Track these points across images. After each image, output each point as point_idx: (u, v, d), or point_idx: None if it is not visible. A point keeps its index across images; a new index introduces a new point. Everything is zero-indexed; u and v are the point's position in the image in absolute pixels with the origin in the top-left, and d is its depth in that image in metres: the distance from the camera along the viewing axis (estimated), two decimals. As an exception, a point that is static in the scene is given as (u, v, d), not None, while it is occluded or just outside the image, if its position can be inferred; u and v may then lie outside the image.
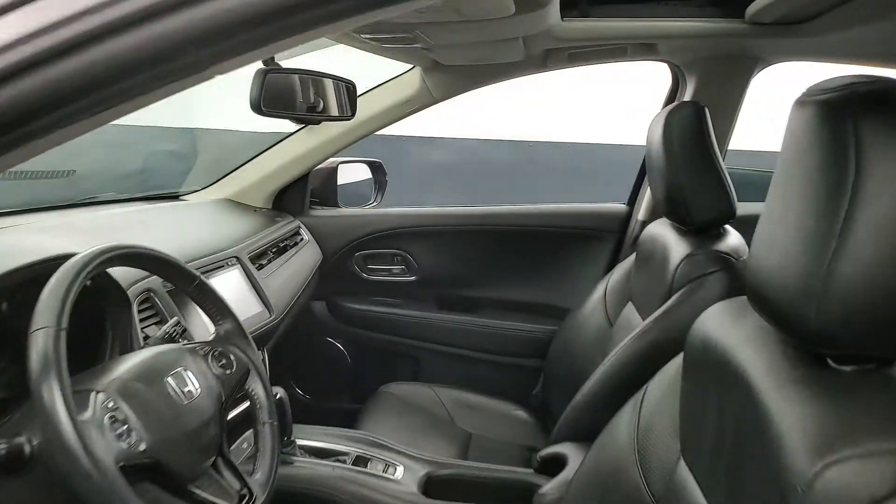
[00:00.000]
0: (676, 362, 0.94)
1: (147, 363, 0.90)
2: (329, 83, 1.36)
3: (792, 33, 1.47)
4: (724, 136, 1.75)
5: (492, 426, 1.73)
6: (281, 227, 1.89)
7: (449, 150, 4.80)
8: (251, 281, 1.54)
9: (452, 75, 1.73)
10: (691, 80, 1.77)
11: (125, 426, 0.80)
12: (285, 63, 1.19)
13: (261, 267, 1.64)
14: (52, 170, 2.23)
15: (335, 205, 2.15)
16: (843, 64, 1.62)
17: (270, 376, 1.14)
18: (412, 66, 1.74)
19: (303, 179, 2.02)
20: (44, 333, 0.74)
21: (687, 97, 1.77)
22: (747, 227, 1.39)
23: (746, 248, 1.37)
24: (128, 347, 1.09)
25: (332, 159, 2.07)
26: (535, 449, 1.64)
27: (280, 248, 1.81)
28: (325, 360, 2.15)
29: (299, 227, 1.99)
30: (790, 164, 0.65)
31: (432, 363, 2.06)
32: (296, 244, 1.91)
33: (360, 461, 1.30)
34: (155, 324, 1.19)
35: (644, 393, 1.00)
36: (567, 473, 1.24)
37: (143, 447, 0.80)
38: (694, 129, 1.33)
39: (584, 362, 1.56)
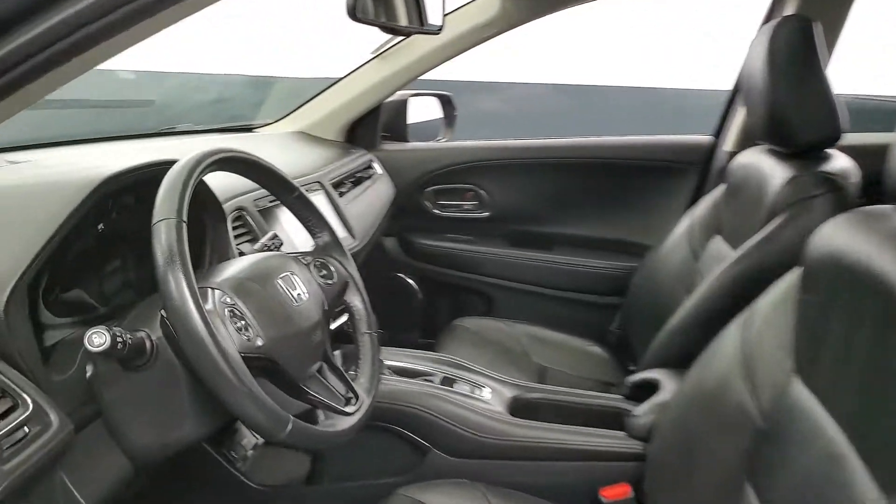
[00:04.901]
0: (789, 279, 0.90)
1: (258, 265, 0.90)
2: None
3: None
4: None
5: (567, 361, 1.71)
6: (355, 160, 1.87)
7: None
8: (334, 206, 1.54)
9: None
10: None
11: (243, 321, 0.80)
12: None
13: (341, 195, 1.63)
14: (132, 100, 2.24)
15: (405, 139, 2.13)
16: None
17: None
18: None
19: (374, 112, 1.99)
20: (166, 224, 0.73)
21: (788, 13, 1.65)
22: (858, 156, 1.31)
23: (857, 171, 1.30)
24: (226, 259, 1.09)
25: (400, 93, 2.04)
26: (613, 384, 1.62)
27: (356, 180, 1.80)
28: (397, 295, 2.14)
29: (372, 160, 1.97)
30: None
31: (506, 300, 2.04)
32: (370, 177, 1.90)
33: (447, 382, 1.30)
34: (247, 241, 1.20)
35: (752, 311, 0.97)
36: (661, 397, 1.21)
37: (259, 343, 0.80)
38: (802, 43, 1.26)
39: (668, 297, 1.52)
